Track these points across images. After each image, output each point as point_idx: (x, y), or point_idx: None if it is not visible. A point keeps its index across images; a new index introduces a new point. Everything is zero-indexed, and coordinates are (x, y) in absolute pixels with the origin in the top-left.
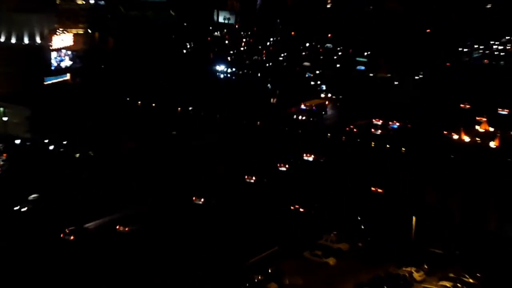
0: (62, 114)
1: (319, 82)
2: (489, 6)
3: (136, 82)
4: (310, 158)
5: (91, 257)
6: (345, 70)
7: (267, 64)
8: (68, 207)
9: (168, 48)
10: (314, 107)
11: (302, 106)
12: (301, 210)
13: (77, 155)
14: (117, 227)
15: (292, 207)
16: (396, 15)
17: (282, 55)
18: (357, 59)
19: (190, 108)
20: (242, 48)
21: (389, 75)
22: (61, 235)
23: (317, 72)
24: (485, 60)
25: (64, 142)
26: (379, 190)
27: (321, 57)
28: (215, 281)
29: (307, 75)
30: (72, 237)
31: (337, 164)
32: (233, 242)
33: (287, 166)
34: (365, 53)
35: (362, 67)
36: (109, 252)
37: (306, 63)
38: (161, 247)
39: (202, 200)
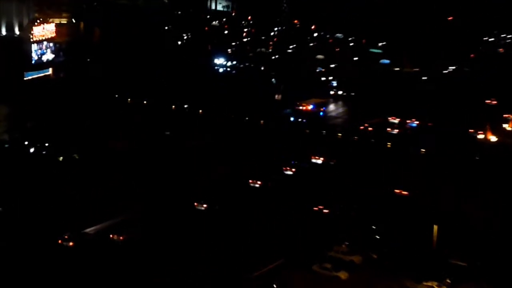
0: (44, 112)
1: (331, 78)
2: None
3: (126, 77)
4: (319, 161)
5: (92, 264)
6: (362, 63)
7: (272, 57)
8: (61, 210)
9: (161, 40)
10: (311, 107)
11: (301, 107)
12: (325, 211)
13: (61, 158)
14: (111, 235)
15: (315, 208)
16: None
17: (291, 46)
18: (371, 50)
19: (186, 106)
20: (243, 39)
21: (416, 69)
22: (59, 241)
23: (331, 66)
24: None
25: (47, 144)
26: (404, 192)
27: (337, 49)
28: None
29: (318, 70)
30: (71, 243)
31: (349, 166)
32: (236, 253)
33: (293, 170)
34: (380, 44)
35: (386, 61)
36: (109, 259)
37: (320, 56)
38: (159, 256)
39: (205, 206)
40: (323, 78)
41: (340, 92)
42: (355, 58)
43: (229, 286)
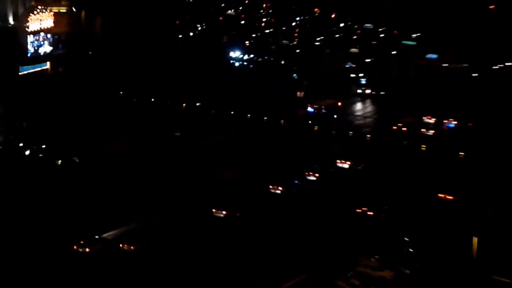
0: (41, 111)
1: (361, 74)
2: None
3: (131, 72)
4: (345, 165)
5: (107, 271)
6: (398, 57)
7: (297, 50)
8: (63, 216)
9: (170, 30)
10: (323, 109)
11: (309, 109)
12: (369, 213)
13: (59, 161)
14: (120, 245)
15: (358, 210)
16: None
17: (318, 38)
18: (404, 42)
19: (197, 104)
20: (264, 30)
21: (465, 64)
22: (75, 247)
23: (366, 60)
24: None
25: (44, 146)
26: (449, 197)
27: (373, 42)
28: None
29: (347, 65)
30: (87, 249)
31: (378, 171)
32: (257, 266)
33: (316, 174)
34: (414, 35)
35: (434, 56)
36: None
37: (354, 50)
38: (173, 267)
39: (224, 212)
40: (353, 75)
41: (368, 91)
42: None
43: None
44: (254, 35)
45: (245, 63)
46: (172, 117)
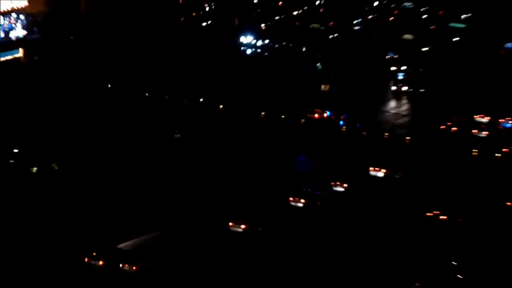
0: (13, 107)
1: (404, 68)
2: None
3: (123, 61)
4: (380, 173)
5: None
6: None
7: (330, 36)
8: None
9: (171, 11)
10: (327, 114)
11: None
12: (442, 217)
13: (34, 169)
14: (121, 265)
15: (429, 214)
16: None
17: (355, 21)
18: (452, 25)
19: (201, 100)
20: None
21: None
22: (86, 259)
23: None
24: None
25: (16, 150)
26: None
27: (432, 27)
28: None
29: (388, 55)
30: (101, 262)
31: (421, 180)
32: None
33: (345, 185)
34: (463, 16)
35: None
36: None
37: (408, 36)
38: None
39: (243, 226)
40: (393, 68)
41: (405, 88)
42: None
43: None
44: (275, 18)
45: (258, 50)
46: (175, 116)
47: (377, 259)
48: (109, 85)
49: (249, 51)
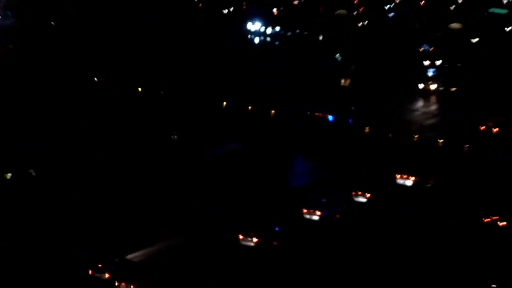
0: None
1: (439, 63)
2: None
3: (112, 50)
4: (408, 182)
5: None
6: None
7: (360, 23)
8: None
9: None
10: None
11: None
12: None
13: (9, 175)
14: (116, 283)
15: (486, 219)
16: None
17: (387, 6)
18: (493, 10)
19: (201, 100)
20: None
21: None
22: (90, 272)
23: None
24: None
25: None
26: None
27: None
28: None
29: (423, 48)
30: (107, 275)
31: (458, 190)
32: None
33: (368, 195)
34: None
35: None
36: None
37: (455, 25)
38: None
39: (255, 240)
40: (427, 62)
41: (433, 87)
42: None
43: None
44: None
45: (268, 38)
46: (172, 117)
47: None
48: (109, 85)
49: (256, 40)
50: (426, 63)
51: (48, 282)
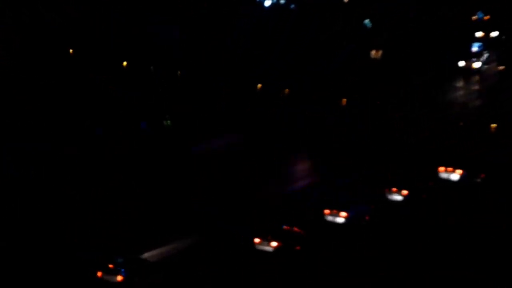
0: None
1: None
2: None
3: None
4: (455, 176)
5: None
6: None
7: None
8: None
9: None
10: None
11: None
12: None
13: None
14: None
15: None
16: None
17: None
18: None
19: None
20: None
21: None
22: (99, 274)
23: None
24: None
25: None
26: None
27: None
28: None
29: (476, 16)
30: (119, 278)
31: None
32: None
33: (404, 192)
34: None
35: None
36: None
37: None
38: None
39: (274, 245)
40: (479, 33)
41: (478, 64)
42: None
43: None
44: None
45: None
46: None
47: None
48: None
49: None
50: (478, 34)
51: (48, 282)
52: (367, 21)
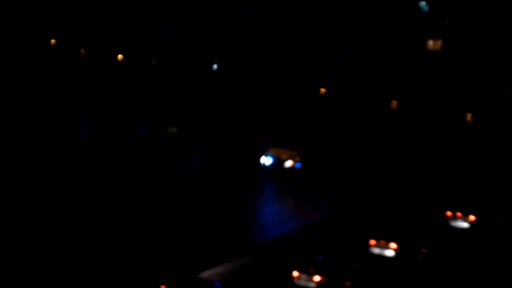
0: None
1: None
2: None
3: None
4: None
5: None
6: None
7: None
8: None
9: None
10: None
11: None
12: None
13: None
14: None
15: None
16: None
17: None
18: None
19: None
20: None
21: None
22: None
23: None
24: None
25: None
26: None
27: None
28: None
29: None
30: None
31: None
32: None
33: (471, 217)
34: None
35: None
36: None
37: None
38: None
39: (317, 279)
40: None
41: None
42: None
43: None
44: None
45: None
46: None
47: None
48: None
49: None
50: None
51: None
52: (423, 3)
